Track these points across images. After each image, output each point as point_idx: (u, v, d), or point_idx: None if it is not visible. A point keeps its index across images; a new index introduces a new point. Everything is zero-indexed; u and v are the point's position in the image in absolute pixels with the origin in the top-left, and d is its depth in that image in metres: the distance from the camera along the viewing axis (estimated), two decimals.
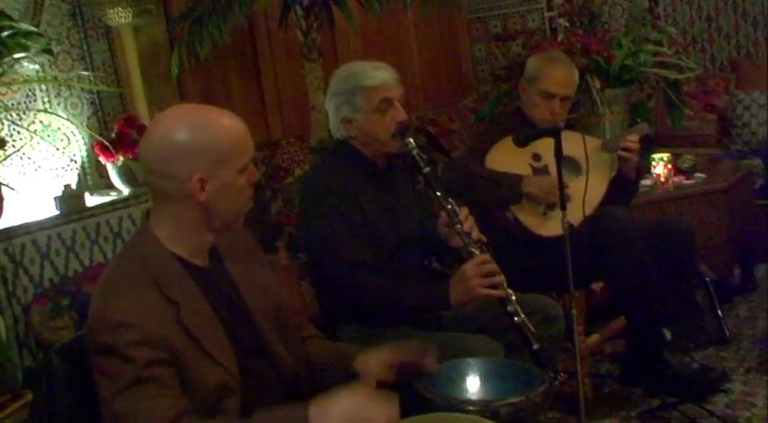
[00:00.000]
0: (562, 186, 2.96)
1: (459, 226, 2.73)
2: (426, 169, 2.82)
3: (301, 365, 2.27)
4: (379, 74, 2.91)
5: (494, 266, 2.65)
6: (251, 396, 2.07)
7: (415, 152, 2.84)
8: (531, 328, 2.61)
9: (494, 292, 2.63)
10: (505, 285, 2.65)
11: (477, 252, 2.70)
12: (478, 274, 2.64)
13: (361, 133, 2.94)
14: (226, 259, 2.20)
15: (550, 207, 3.49)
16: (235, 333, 2.08)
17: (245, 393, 2.05)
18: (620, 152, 3.62)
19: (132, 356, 1.87)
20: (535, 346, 2.57)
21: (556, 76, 3.69)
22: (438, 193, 2.78)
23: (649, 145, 4.53)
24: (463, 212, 2.77)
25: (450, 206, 2.76)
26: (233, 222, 2.14)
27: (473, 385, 2.36)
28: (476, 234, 2.75)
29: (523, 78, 3.77)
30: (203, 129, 2.05)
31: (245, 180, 2.08)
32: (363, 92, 2.89)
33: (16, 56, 3.49)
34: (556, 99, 3.66)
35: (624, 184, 3.74)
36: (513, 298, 2.63)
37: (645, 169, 4.16)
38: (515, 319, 2.59)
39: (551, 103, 3.66)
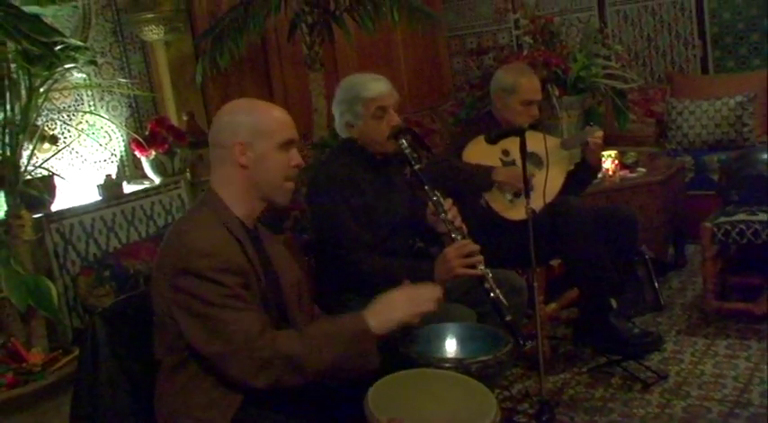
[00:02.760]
0: (527, 178, 2.96)
1: (443, 215, 2.72)
2: (417, 166, 2.81)
3: None
4: (377, 86, 2.90)
5: (473, 248, 2.63)
6: None
7: (407, 151, 2.83)
8: (505, 302, 2.58)
9: (471, 271, 2.61)
10: (483, 266, 2.63)
11: (459, 237, 2.68)
12: (458, 256, 2.62)
13: (362, 135, 2.92)
14: (261, 234, 2.22)
15: (517, 195, 3.48)
16: (266, 296, 2.08)
17: None
18: (590, 140, 3.61)
19: (221, 280, 1.92)
20: (507, 318, 2.55)
21: (532, 85, 3.67)
22: (426, 187, 2.77)
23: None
24: (447, 203, 2.76)
25: (436, 198, 2.74)
26: (272, 193, 2.14)
27: (450, 346, 2.36)
28: (458, 222, 2.73)
29: (499, 90, 3.69)
30: (248, 109, 2.16)
31: (285, 157, 2.12)
32: (362, 101, 2.88)
33: (67, 66, 3.47)
34: (534, 104, 3.66)
35: (586, 172, 3.75)
36: (490, 276, 2.62)
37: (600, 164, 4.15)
38: (491, 294, 2.58)
39: (531, 108, 3.65)
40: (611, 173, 4.58)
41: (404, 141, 2.85)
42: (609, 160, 4.57)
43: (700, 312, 4.07)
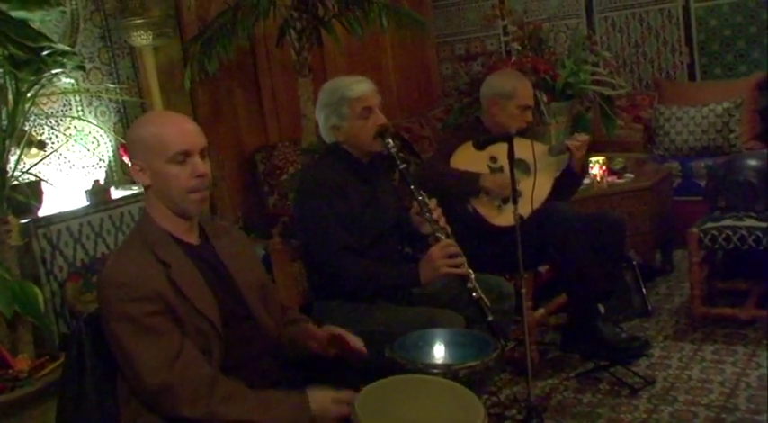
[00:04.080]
0: (514, 184, 2.96)
1: (428, 215, 2.73)
2: (402, 165, 2.81)
3: (280, 330, 2.25)
4: (360, 86, 2.90)
5: (456, 249, 2.65)
6: (238, 354, 2.06)
7: (393, 151, 2.84)
8: (487, 303, 2.61)
9: (455, 270, 2.63)
10: (466, 266, 2.64)
11: (443, 237, 2.69)
12: (443, 256, 2.64)
13: (348, 137, 2.91)
14: (212, 239, 2.18)
15: (504, 201, 3.48)
16: (223, 300, 2.07)
17: (233, 352, 2.05)
18: (568, 144, 3.62)
19: (129, 311, 1.90)
20: (489, 318, 2.57)
21: (528, 91, 3.69)
22: (412, 187, 2.78)
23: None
24: (432, 203, 2.77)
25: (421, 198, 2.76)
26: (181, 207, 2.06)
27: (438, 351, 2.35)
28: (442, 222, 2.75)
29: (496, 96, 3.67)
30: (141, 125, 2.11)
31: (182, 170, 2.02)
32: (347, 103, 2.87)
33: (54, 71, 3.46)
34: (529, 110, 3.68)
35: (570, 178, 3.75)
36: (473, 276, 2.63)
37: (585, 170, 4.16)
38: (474, 294, 2.60)
39: (527, 113, 3.67)
40: (598, 179, 4.58)
41: (390, 141, 2.86)
42: (597, 166, 4.58)
43: (687, 318, 4.08)
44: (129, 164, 2.10)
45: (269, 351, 2.16)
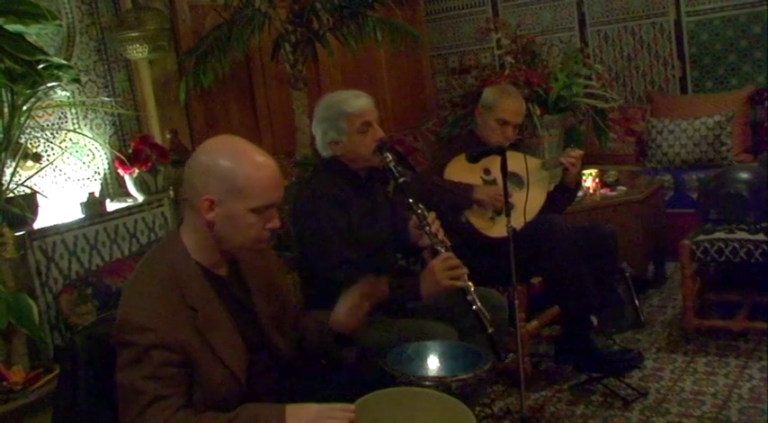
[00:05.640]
0: (507, 197, 2.97)
1: (427, 228, 2.73)
2: (401, 179, 2.82)
3: (293, 352, 2.23)
4: (359, 102, 2.90)
5: (457, 261, 2.65)
6: (252, 380, 2.03)
7: (391, 165, 2.84)
8: (487, 315, 2.61)
9: (457, 283, 2.63)
10: (466, 278, 2.64)
11: (443, 250, 2.70)
12: (444, 269, 2.63)
13: (347, 152, 2.91)
14: (242, 264, 2.11)
15: (497, 213, 3.49)
16: (244, 331, 2.03)
17: (250, 381, 2.01)
18: (563, 161, 3.62)
19: (146, 358, 1.83)
20: (490, 330, 2.57)
21: (510, 106, 3.65)
22: (410, 200, 2.78)
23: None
24: (431, 217, 2.77)
25: (420, 211, 2.76)
26: (236, 251, 2.01)
27: (431, 364, 2.36)
28: (441, 235, 2.75)
29: (481, 105, 3.72)
30: (231, 158, 1.93)
31: (259, 220, 1.94)
32: (347, 117, 2.87)
33: (50, 84, 3.47)
34: (509, 126, 3.64)
35: (565, 193, 3.76)
36: (473, 289, 2.63)
37: (579, 184, 4.17)
38: (474, 306, 2.59)
39: (506, 129, 3.63)
40: (591, 191, 4.60)
41: (388, 155, 2.86)
42: (589, 179, 4.60)
43: (679, 330, 4.09)
44: (199, 194, 1.92)
45: (281, 375, 2.16)
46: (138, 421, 1.84)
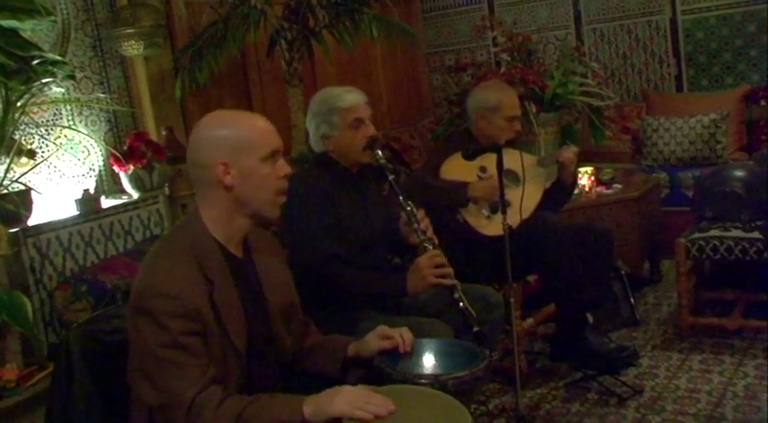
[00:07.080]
0: (503, 194, 2.96)
1: (416, 225, 2.73)
2: (391, 176, 2.82)
3: (298, 351, 2.24)
4: (352, 97, 2.90)
5: (443, 260, 2.66)
6: (254, 373, 2.04)
7: (382, 162, 2.85)
8: (473, 313, 2.60)
9: (443, 281, 2.63)
10: (452, 276, 2.64)
11: (431, 247, 2.70)
12: (430, 266, 2.64)
13: (338, 147, 2.92)
14: (255, 253, 2.14)
15: (493, 211, 3.48)
16: (251, 322, 2.03)
17: (250, 371, 2.01)
18: (560, 158, 3.62)
19: (169, 325, 1.83)
20: (475, 329, 2.55)
21: (512, 101, 3.69)
22: (400, 197, 2.78)
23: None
24: (420, 214, 2.77)
25: (409, 208, 2.76)
26: (263, 209, 2.03)
27: (426, 361, 2.34)
28: (430, 232, 2.75)
29: (482, 109, 3.68)
30: (227, 123, 2.03)
31: (271, 169, 2.00)
32: (339, 112, 2.88)
33: (45, 80, 3.45)
34: (516, 119, 3.68)
35: (562, 190, 3.75)
36: (459, 287, 2.62)
37: (575, 181, 4.17)
38: (460, 304, 2.59)
39: (514, 123, 3.67)
40: (587, 189, 4.60)
41: (379, 152, 2.87)
42: (585, 176, 4.59)
43: (675, 327, 4.09)
44: (212, 165, 1.96)
45: (282, 371, 2.15)
46: (165, 390, 1.83)
